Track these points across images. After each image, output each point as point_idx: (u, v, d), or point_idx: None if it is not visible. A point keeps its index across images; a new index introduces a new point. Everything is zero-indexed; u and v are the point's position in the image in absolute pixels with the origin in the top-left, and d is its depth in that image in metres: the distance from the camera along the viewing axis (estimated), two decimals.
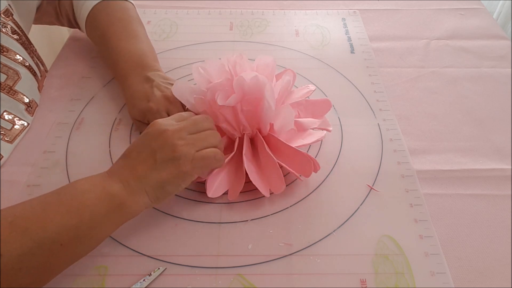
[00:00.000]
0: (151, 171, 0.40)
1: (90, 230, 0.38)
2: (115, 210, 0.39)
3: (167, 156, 0.41)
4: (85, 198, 0.38)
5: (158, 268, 0.42)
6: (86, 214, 0.37)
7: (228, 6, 0.80)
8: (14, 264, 0.34)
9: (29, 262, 0.35)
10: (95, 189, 0.39)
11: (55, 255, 0.36)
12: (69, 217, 0.36)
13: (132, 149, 0.42)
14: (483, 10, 0.79)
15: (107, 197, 0.38)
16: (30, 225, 0.35)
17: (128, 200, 0.39)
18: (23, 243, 0.34)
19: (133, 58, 0.56)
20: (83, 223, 0.37)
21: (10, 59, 0.53)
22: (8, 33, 0.53)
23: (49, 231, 0.35)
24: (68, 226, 0.36)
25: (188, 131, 0.43)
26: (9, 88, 0.53)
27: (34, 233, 0.35)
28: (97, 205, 0.38)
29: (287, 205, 0.48)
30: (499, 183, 0.50)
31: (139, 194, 0.40)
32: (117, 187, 0.39)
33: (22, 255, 0.34)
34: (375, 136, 0.55)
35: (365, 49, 0.70)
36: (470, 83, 0.64)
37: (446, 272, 0.42)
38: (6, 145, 0.52)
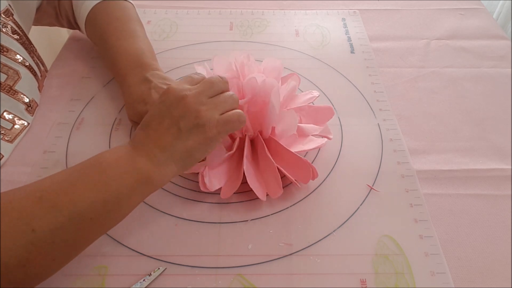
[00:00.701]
0: (176, 140, 0.40)
1: (119, 203, 0.38)
2: (142, 183, 0.39)
3: (191, 123, 0.40)
4: (111, 173, 0.38)
5: (158, 268, 0.42)
6: (113, 188, 0.37)
7: (228, 6, 0.80)
8: (47, 238, 0.34)
9: (61, 236, 0.35)
10: (120, 164, 0.39)
11: (86, 229, 0.37)
12: (97, 192, 0.36)
13: (151, 119, 0.41)
14: (483, 10, 0.79)
15: (133, 171, 0.38)
16: (59, 200, 0.35)
17: (155, 172, 0.39)
18: (54, 218, 0.34)
19: (132, 58, 0.56)
20: (111, 197, 0.37)
21: (10, 59, 0.53)
22: (8, 33, 0.53)
23: (78, 206, 0.35)
24: (96, 200, 0.36)
25: (206, 94, 0.42)
26: (9, 88, 0.53)
27: (64, 208, 0.35)
28: (124, 180, 0.38)
29: (287, 205, 0.48)
30: (499, 183, 0.50)
31: (166, 165, 0.40)
32: (143, 161, 0.39)
33: (54, 230, 0.34)
34: (375, 136, 0.55)
35: (365, 49, 0.70)
36: (470, 83, 0.64)
37: (446, 272, 0.42)
38: (7, 145, 0.52)
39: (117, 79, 0.58)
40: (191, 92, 0.41)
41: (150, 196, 0.48)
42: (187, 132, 0.40)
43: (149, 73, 0.54)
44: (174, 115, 0.40)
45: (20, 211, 0.34)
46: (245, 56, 0.48)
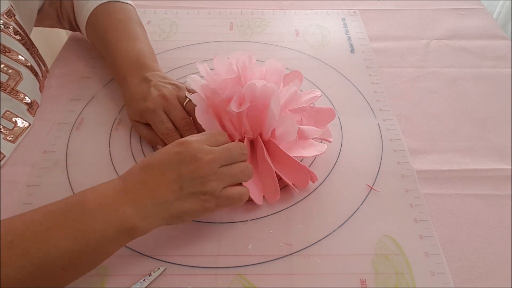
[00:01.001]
0: (173, 199, 0.38)
1: (95, 254, 0.36)
2: (124, 234, 0.37)
3: (195, 188, 0.38)
4: (93, 221, 0.35)
5: (158, 268, 0.42)
6: (92, 239, 0.35)
7: (228, 6, 0.80)
8: (13, 286, 0.33)
9: (29, 284, 0.33)
10: (105, 210, 0.36)
11: (57, 277, 0.35)
12: (74, 241, 0.34)
13: (155, 165, 0.39)
14: (483, 10, 0.79)
15: (117, 221, 0.36)
16: (31, 248, 0.33)
17: (140, 224, 0.37)
18: (23, 266, 0.33)
19: (132, 59, 0.56)
20: (89, 248, 0.35)
21: (12, 60, 0.53)
22: (10, 33, 0.53)
23: (51, 255, 0.34)
24: (72, 250, 0.34)
25: (220, 162, 0.40)
26: (11, 89, 0.53)
27: (35, 257, 0.33)
28: (106, 230, 0.36)
29: (287, 205, 0.48)
30: (499, 183, 0.50)
31: (153, 219, 0.38)
32: (131, 211, 0.37)
33: (22, 278, 0.33)
34: (375, 136, 0.55)
35: (365, 49, 0.70)
36: (470, 83, 0.64)
37: (446, 272, 0.42)
38: (8, 145, 0.53)
39: (118, 80, 0.58)
40: (207, 157, 0.39)
41: None
42: (187, 195, 0.38)
43: (149, 73, 0.54)
44: (182, 172, 0.38)
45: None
46: (247, 56, 0.48)
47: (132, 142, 0.55)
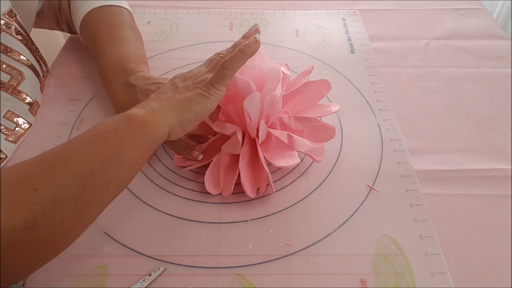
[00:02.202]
0: (173, 93, 0.43)
1: (116, 154, 0.37)
2: (137, 131, 0.39)
3: (188, 82, 0.44)
4: (104, 125, 0.38)
5: (158, 268, 0.42)
6: (107, 139, 0.37)
7: (228, 6, 0.80)
8: (50, 196, 0.33)
9: (64, 193, 0.34)
10: (114, 118, 0.39)
11: (88, 184, 0.35)
12: (92, 145, 0.37)
13: (155, 90, 0.46)
14: (483, 10, 0.79)
15: (126, 119, 0.39)
16: (58, 159, 0.35)
17: (150, 119, 0.40)
18: (53, 175, 0.34)
19: (116, 64, 0.55)
20: (107, 147, 0.37)
21: (14, 60, 0.53)
22: (12, 33, 0.53)
23: (75, 160, 0.35)
24: (92, 153, 0.36)
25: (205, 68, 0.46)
26: (13, 88, 0.53)
27: (62, 164, 0.35)
28: (118, 129, 0.38)
29: (287, 205, 0.48)
30: (499, 183, 0.50)
31: (161, 112, 0.41)
32: (137, 110, 0.40)
33: (56, 187, 0.34)
34: (375, 136, 0.55)
35: (365, 49, 0.70)
36: (470, 83, 0.64)
37: (446, 272, 0.42)
38: (10, 145, 0.53)
39: (104, 87, 0.57)
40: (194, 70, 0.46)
41: (150, 196, 0.48)
42: (184, 88, 0.43)
43: (132, 77, 0.53)
44: (174, 81, 0.45)
45: (21, 175, 0.34)
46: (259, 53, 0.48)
47: None
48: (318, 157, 0.49)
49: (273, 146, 0.49)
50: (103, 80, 0.57)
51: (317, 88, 0.52)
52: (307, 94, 0.52)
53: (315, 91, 0.52)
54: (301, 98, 0.52)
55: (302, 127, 0.50)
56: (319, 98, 0.52)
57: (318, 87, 0.52)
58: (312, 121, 0.51)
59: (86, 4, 0.61)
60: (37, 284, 0.41)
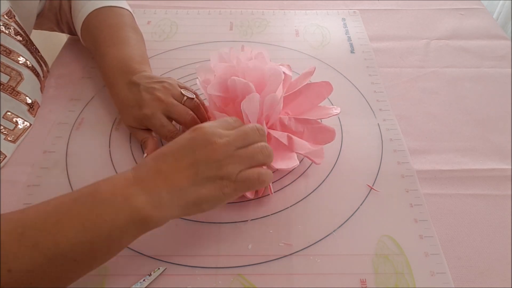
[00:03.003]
0: (189, 185, 0.36)
1: (107, 245, 0.35)
2: (136, 225, 0.35)
3: (211, 172, 0.37)
4: (104, 210, 0.34)
5: (158, 268, 0.42)
6: (103, 229, 0.34)
7: (228, 6, 0.80)
8: (23, 279, 0.32)
9: (41, 277, 0.33)
10: (115, 199, 0.35)
11: (67, 270, 0.34)
12: (85, 232, 0.34)
13: (169, 152, 0.38)
14: (483, 10, 0.79)
15: (129, 211, 0.35)
16: (42, 239, 0.33)
17: (154, 215, 0.35)
18: (33, 258, 0.32)
19: (119, 65, 0.55)
20: (100, 238, 0.34)
21: (13, 61, 0.53)
22: (11, 34, 0.53)
23: (61, 247, 0.33)
24: (83, 242, 0.33)
25: (236, 145, 0.39)
26: (12, 89, 0.53)
27: (45, 248, 0.32)
28: (117, 220, 0.34)
29: (287, 205, 0.48)
30: (499, 183, 0.50)
31: (168, 208, 0.36)
32: (143, 200, 0.35)
33: (33, 271, 0.32)
34: (375, 136, 0.55)
35: (365, 49, 0.70)
36: (470, 83, 0.64)
37: (446, 272, 0.42)
38: (9, 145, 0.53)
39: (107, 87, 0.57)
40: (221, 140, 0.38)
41: None
42: (204, 180, 0.37)
43: (135, 76, 0.53)
44: (196, 157, 0.37)
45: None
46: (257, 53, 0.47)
47: (132, 142, 0.55)
48: (317, 159, 0.49)
49: (273, 147, 0.49)
50: (106, 80, 0.57)
51: (318, 90, 0.52)
52: (308, 96, 0.52)
53: (317, 93, 0.52)
54: (302, 100, 0.52)
55: (302, 129, 0.50)
56: (320, 100, 0.52)
57: (319, 89, 0.52)
58: (312, 123, 0.50)
59: (87, 5, 0.61)
60: None
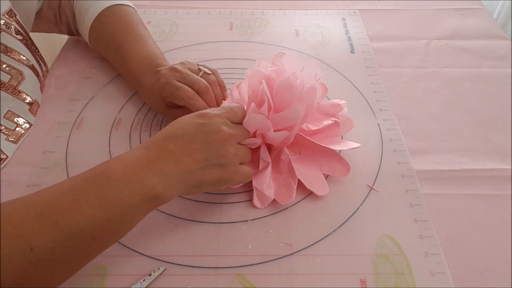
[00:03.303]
0: (197, 168, 0.40)
1: (122, 222, 0.37)
2: (148, 202, 0.38)
3: (218, 160, 0.40)
4: (118, 189, 0.36)
5: (158, 268, 0.42)
6: (118, 207, 0.36)
7: (228, 6, 0.80)
8: (46, 256, 0.33)
9: (61, 254, 0.34)
10: (129, 179, 0.37)
11: (87, 247, 0.36)
12: (101, 210, 0.35)
13: (180, 134, 0.40)
14: (483, 10, 0.79)
15: (142, 190, 0.37)
16: (61, 218, 0.34)
17: (164, 192, 0.38)
18: (54, 235, 0.33)
19: (146, 60, 0.56)
20: (116, 215, 0.36)
21: (14, 60, 0.53)
22: (12, 33, 0.53)
23: (80, 224, 0.34)
24: (99, 219, 0.35)
25: (238, 139, 0.43)
26: (13, 88, 0.53)
27: (65, 226, 0.34)
28: (131, 198, 0.36)
29: (287, 205, 0.48)
30: (499, 183, 0.50)
31: (176, 187, 0.39)
32: (156, 180, 0.38)
33: (54, 248, 0.33)
34: (375, 136, 0.55)
35: (365, 49, 0.70)
36: (470, 83, 0.64)
37: (446, 272, 0.42)
38: (11, 145, 0.53)
39: (132, 82, 0.59)
40: (229, 130, 0.42)
41: None
42: (211, 165, 0.40)
43: (159, 68, 0.55)
44: (208, 142, 0.40)
45: (19, 228, 0.33)
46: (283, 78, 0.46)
47: (132, 142, 0.55)
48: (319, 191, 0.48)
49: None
50: (131, 76, 0.58)
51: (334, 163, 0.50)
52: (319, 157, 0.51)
53: (331, 164, 0.50)
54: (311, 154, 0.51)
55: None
56: (329, 172, 0.50)
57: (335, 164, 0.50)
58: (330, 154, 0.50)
59: (96, 4, 0.61)
60: None
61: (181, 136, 0.40)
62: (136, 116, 0.58)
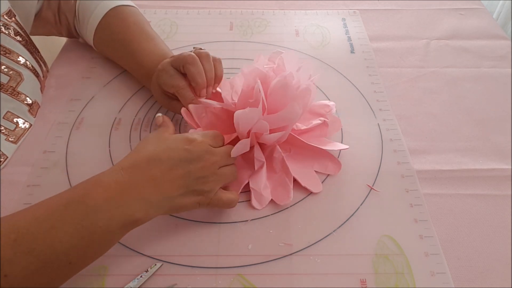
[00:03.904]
0: (176, 195, 0.40)
1: (100, 246, 0.37)
2: (126, 227, 0.38)
3: (197, 187, 0.41)
4: (97, 218, 0.36)
5: (154, 264, 0.42)
6: (96, 234, 0.36)
7: (228, 6, 0.80)
8: (19, 283, 0.33)
9: (37, 280, 0.34)
10: (109, 206, 0.36)
11: (63, 272, 0.35)
12: (80, 238, 0.35)
13: (164, 159, 0.40)
14: (483, 10, 0.79)
15: (121, 217, 0.37)
16: (37, 245, 0.33)
17: (142, 217, 0.38)
18: (29, 263, 0.33)
19: (158, 58, 0.56)
20: (93, 242, 0.36)
21: (13, 61, 0.53)
22: (11, 34, 0.53)
23: (57, 251, 0.34)
24: (77, 245, 0.35)
25: (220, 164, 0.43)
26: (12, 90, 0.53)
27: (41, 253, 0.33)
28: (110, 225, 0.36)
29: (287, 205, 0.48)
30: (499, 183, 0.50)
31: (154, 211, 0.39)
32: (135, 206, 0.38)
33: (28, 275, 0.33)
34: (375, 136, 0.55)
35: (365, 49, 0.70)
36: (470, 83, 0.64)
37: (446, 272, 0.42)
38: (11, 146, 0.53)
39: (144, 79, 0.59)
40: (212, 158, 0.42)
41: None
42: (189, 192, 0.41)
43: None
44: (190, 170, 0.40)
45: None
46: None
47: (132, 142, 0.55)
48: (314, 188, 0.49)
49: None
50: (143, 73, 0.58)
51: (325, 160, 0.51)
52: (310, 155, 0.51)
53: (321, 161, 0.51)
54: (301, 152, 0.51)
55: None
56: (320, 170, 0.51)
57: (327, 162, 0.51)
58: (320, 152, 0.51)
59: (101, 5, 0.61)
60: None
61: (165, 160, 0.40)
62: (136, 116, 0.58)
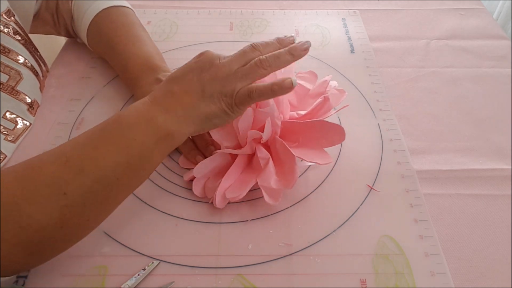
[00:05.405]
0: (198, 101, 0.41)
1: (141, 162, 0.39)
2: (162, 140, 0.40)
3: (216, 90, 0.41)
4: (132, 133, 0.39)
5: (152, 262, 0.42)
6: (135, 149, 0.39)
7: (228, 6, 0.80)
8: (78, 201, 0.36)
9: (91, 198, 0.37)
10: (140, 122, 0.39)
11: (114, 189, 0.38)
12: (120, 154, 0.38)
13: (179, 75, 0.43)
14: (483, 10, 0.79)
15: (153, 129, 0.39)
16: (85, 165, 0.37)
17: (175, 129, 0.40)
18: (82, 182, 0.36)
19: (142, 61, 0.56)
20: (134, 157, 0.39)
21: (12, 60, 0.53)
22: (10, 33, 0.53)
23: (103, 169, 0.37)
24: (120, 162, 0.38)
25: (236, 64, 0.43)
26: (11, 89, 0.53)
27: (90, 172, 0.37)
28: (145, 139, 0.39)
29: (287, 205, 0.48)
30: (499, 183, 0.50)
31: (185, 123, 0.41)
32: (164, 117, 0.40)
33: (84, 193, 0.36)
34: (375, 136, 0.55)
35: (365, 49, 0.70)
36: (470, 83, 0.64)
37: (446, 272, 0.42)
38: (9, 145, 0.53)
39: (129, 83, 0.58)
40: (223, 60, 0.43)
41: (150, 196, 0.48)
42: (210, 97, 0.41)
43: (161, 74, 0.54)
44: (202, 76, 0.42)
45: (51, 176, 0.36)
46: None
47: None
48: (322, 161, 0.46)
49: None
50: (127, 77, 0.58)
51: (329, 133, 0.48)
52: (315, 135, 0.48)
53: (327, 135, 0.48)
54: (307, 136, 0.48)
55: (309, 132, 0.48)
56: (328, 145, 0.48)
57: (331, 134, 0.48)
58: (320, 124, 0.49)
59: (93, 5, 0.61)
60: (37, 284, 0.41)
61: (180, 76, 0.43)
62: None
